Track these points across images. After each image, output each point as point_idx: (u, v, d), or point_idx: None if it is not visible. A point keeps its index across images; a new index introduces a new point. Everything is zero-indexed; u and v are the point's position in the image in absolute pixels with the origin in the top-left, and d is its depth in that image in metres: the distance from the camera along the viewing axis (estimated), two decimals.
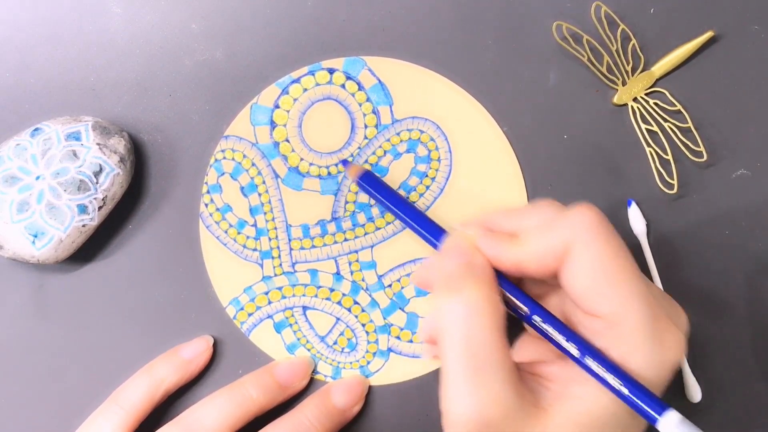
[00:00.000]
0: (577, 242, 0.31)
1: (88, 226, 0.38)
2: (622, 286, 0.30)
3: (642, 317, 0.30)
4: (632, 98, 0.41)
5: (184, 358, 0.39)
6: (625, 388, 0.29)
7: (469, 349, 0.30)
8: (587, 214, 0.31)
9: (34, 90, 0.41)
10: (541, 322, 0.32)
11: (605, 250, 0.30)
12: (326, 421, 0.38)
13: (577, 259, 0.31)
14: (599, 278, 0.30)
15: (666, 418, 0.29)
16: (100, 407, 0.38)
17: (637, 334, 0.30)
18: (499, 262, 0.32)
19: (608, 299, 0.30)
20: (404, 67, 0.41)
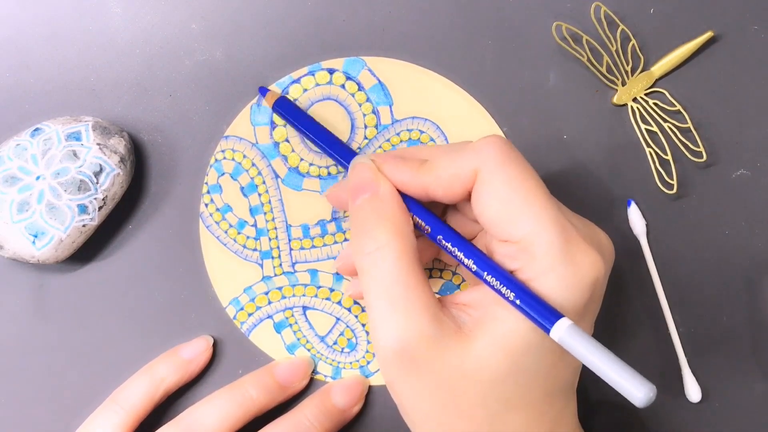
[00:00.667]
0: (484, 168, 0.31)
1: (88, 226, 0.38)
2: (531, 210, 0.30)
3: (552, 238, 0.30)
4: (632, 98, 0.41)
5: (184, 358, 0.39)
6: (519, 299, 0.29)
7: (386, 284, 0.31)
8: (494, 142, 0.32)
9: (34, 90, 0.41)
10: (443, 240, 0.32)
11: (513, 176, 0.31)
12: (326, 421, 0.38)
13: (484, 184, 0.31)
14: (508, 203, 0.31)
15: (557, 326, 0.29)
16: (99, 407, 0.38)
17: (548, 255, 0.30)
18: (409, 187, 0.33)
19: (517, 223, 0.30)
20: (404, 67, 0.41)
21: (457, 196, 0.32)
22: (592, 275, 0.30)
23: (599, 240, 0.33)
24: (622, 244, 0.41)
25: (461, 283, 0.41)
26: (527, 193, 0.31)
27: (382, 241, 0.32)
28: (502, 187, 0.31)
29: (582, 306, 0.31)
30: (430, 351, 0.30)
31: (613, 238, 0.34)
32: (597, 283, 0.31)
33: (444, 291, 0.41)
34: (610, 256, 0.33)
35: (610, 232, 0.34)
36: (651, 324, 0.41)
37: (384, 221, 0.32)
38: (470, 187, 0.32)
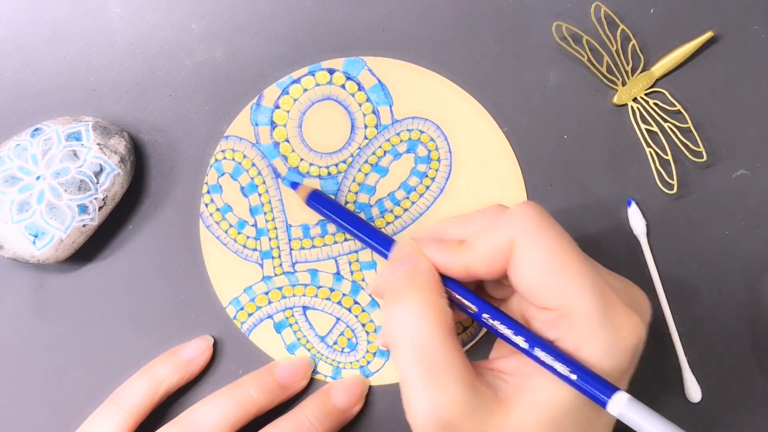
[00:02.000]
0: (519, 239, 0.31)
1: (88, 226, 0.38)
2: (569, 276, 0.30)
3: (592, 304, 0.30)
4: (632, 98, 0.41)
5: (184, 358, 0.39)
6: (574, 375, 0.29)
7: (419, 353, 0.30)
8: (528, 211, 0.31)
9: (34, 90, 0.41)
10: (490, 319, 0.32)
11: (549, 243, 0.31)
12: (326, 421, 0.38)
13: (521, 255, 0.31)
14: (545, 271, 0.30)
15: (614, 399, 0.29)
16: (99, 407, 0.38)
17: (589, 322, 0.30)
18: (450, 269, 0.33)
19: (556, 291, 0.30)
20: (404, 67, 0.41)
21: (498, 272, 0.32)
22: (633, 340, 0.30)
23: (636, 300, 0.33)
24: (622, 244, 0.41)
25: None
26: (564, 260, 0.30)
27: (416, 310, 0.31)
28: (539, 255, 0.30)
29: (624, 370, 0.31)
30: (468, 421, 0.30)
31: (614, 238, 0.34)
32: (638, 347, 0.31)
33: None
34: (648, 316, 0.33)
35: (610, 232, 0.34)
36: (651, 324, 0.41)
37: (419, 290, 0.32)
38: (509, 259, 0.31)
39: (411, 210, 0.41)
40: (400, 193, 0.41)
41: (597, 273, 0.31)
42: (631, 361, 0.31)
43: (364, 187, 0.41)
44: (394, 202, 0.41)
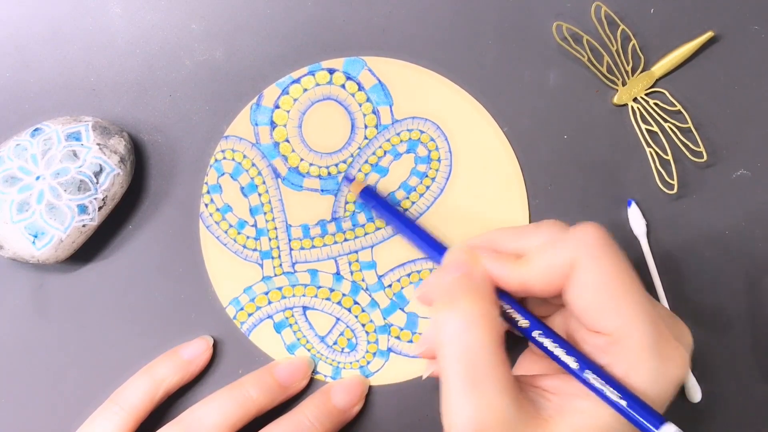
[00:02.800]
0: (582, 260, 0.31)
1: (88, 226, 0.38)
2: (627, 303, 0.30)
3: (646, 334, 0.30)
4: (632, 98, 0.41)
5: (184, 358, 0.39)
6: (623, 401, 0.29)
7: (467, 361, 0.30)
8: (592, 232, 0.31)
9: (34, 90, 0.41)
10: (541, 336, 0.32)
11: (610, 268, 0.31)
12: (326, 421, 0.38)
13: (582, 276, 0.31)
14: (604, 295, 0.30)
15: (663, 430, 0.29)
16: (100, 408, 0.38)
17: (641, 351, 0.30)
18: (506, 282, 0.32)
19: (612, 316, 0.30)
20: (404, 67, 0.41)
21: (554, 291, 0.32)
22: (679, 372, 0.31)
23: (682, 334, 0.33)
24: (622, 244, 0.41)
25: None
26: (624, 286, 0.30)
27: (469, 318, 0.31)
28: (601, 279, 0.30)
29: (666, 400, 0.31)
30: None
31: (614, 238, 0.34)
32: (682, 379, 0.31)
33: None
34: (690, 350, 0.33)
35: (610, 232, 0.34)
36: None
37: (474, 297, 0.31)
38: (567, 279, 0.31)
39: (411, 210, 0.41)
40: (400, 193, 0.41)
41: (652, 304, 0.31)
42: (675, 392, 0.31)
43: None
44: (394, 202, 0.41)
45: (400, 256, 0.41)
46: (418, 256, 0.41)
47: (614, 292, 0.30)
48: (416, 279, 0.41)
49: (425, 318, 0.41)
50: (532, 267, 0.32)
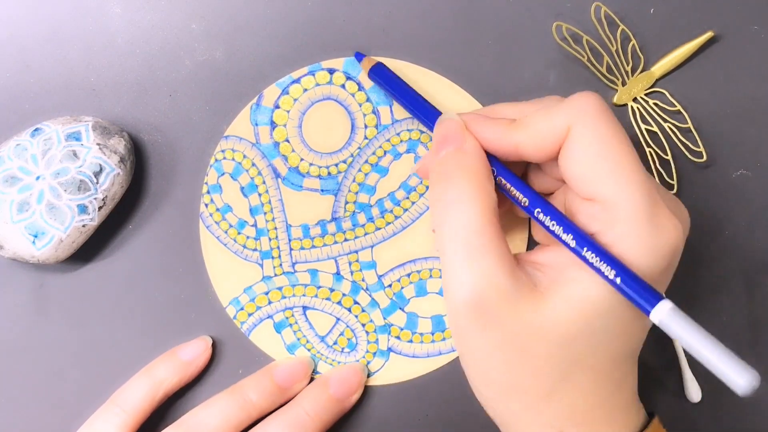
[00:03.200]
0: (577, 124, 0.31)
1: (88, 226, 0.38)
2: (621, 170, 0.30)
3: (638, 200, 0.30)
4: (632, 98, 0.41)
5: (183, 359, 0.39)
6: (618, 278, 0.29)
7: (462, 234, 0.31)
8: (589, 98, 0.31)
9: (34, 90, 0.41)
10: (541, 213, 0.32)
11: (606, 133, 0.30)
12: (324, 413, 0.38)
13: (576, 140, 0.31)
14: (598, 160, 0.30)
15: (658, 308, 0.29)
16: (100, 409, 0.38)
17: (633, 217, 0.30)
18: (498, 146, 0.33)
19: (606, 181, 0.30)
20: (404, 67, 0.41)
21: (548, 154, 0.32)
22: (672, 242, 0.30)
23: (679, 209, 0.33)
24: None
25: None
26: (618, 154, 0.30)
27: (464, 192, 0.31)
28: (595, 145, 0.30)
29: (659, 273, 0.31)
30: (504, 305, 0.30)
31: None
32: (676, 251, 0.31)
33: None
34: (687, 226, 0.33)
35: None
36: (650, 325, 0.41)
37: (467, 173, 0.32)
38: (561, 144, 0.31)
39: (411, 210, 0.41)
40: (400, 193, 0.41)
41: (646, 174, 0.31)
42: (669, 264, 0.31)
43: (365, 187, 0.41)
44: (394, 202, 0.41)
45: (400, 256, 0.41)
46: (418, 255, 0.41)
47: (609, 158, 0.30)
48: (416, 279, 0.41)
49: (425, 318, 0.41)
50: (526, 129, 0.32)
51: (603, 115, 0.31)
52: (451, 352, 0.41)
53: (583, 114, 0.31)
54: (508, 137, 0.32)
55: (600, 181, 0.30)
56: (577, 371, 0.31)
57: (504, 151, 0.33)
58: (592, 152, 0.30)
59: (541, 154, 0.32)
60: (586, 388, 0.31)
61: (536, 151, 0.32)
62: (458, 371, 0.41)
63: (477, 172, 0.32)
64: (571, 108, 0.31)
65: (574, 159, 0.31)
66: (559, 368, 0.31)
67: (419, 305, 0.41)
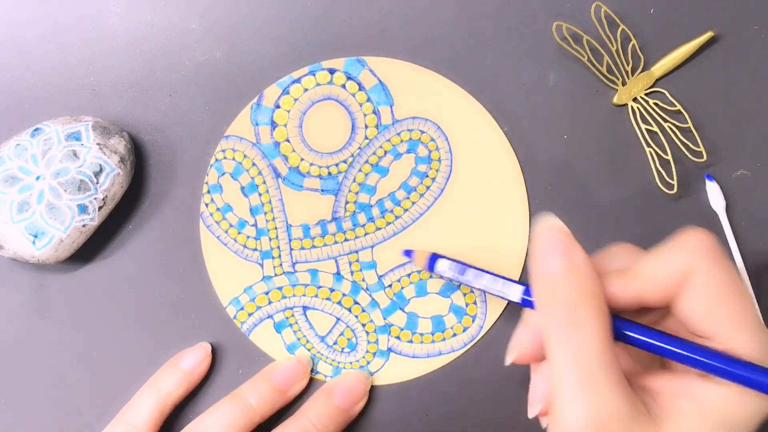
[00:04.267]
0: (698, 265, 0.30)
1: (88, 226, 0.38)
2: (738, 310, 0.30)
3: (756, 339, 0.30)
4: (632, 98, 0.41)
5: (185, 369, 0.39)
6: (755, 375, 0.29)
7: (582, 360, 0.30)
8: (704, 238, 0.31)
9: (34, 90, 0.41)
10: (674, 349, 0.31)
11: (726, 274, 0.30)
12: (329, 423, 0.38)
13: (698, 283, 0.30)
14: (719, 302, 0.30)
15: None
16: (108, 427, 0.38)
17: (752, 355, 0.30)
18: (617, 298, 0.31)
19: (725, 322, 0.30)
20: (404, 67, 0.41)
21: (670, 297, 0.31)
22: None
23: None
24: None
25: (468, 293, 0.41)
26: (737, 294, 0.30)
27: (583, 316, 0.30)
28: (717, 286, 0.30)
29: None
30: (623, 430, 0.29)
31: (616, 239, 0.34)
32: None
33: (444, 292, 0.41)
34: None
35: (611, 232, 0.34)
36: None
37: (585, 294, 0.31)
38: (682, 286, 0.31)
39: (411, 210, 0.41)
40: (400, 193, 0.41)
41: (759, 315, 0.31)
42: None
43: (365, 187, 0.41)
44: (394, 202, 0.41)
45: (401, 256, 0.41)
46: None
47: (729, 299, 0.30)
48: (416, 279, 0.41)
49: (425, 318, 0.41)
50: (646, 276, 0.31)
51: (720, 255, 0.31)
52: (451, 353, 0.41)
53: (702, 254, 0.30)
54: (628, 287, 0.31)
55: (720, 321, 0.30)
56: None
57: (624, 301, 0.31)
58: (713, 294, 0.30)
59: (663, 298, 0.31)
60: None
61: (659, 296, 0.31)
62: (458, 371, 0.41)
63: (594, 292, 0.31)
64: (690, 249, 0.31)
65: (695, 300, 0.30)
66: None
67: (419, 305, 0.41)
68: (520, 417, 0.40)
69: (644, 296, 0.31)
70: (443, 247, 0.41)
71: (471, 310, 0.41)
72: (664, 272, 0.31)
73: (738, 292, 0.30)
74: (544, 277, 0.31)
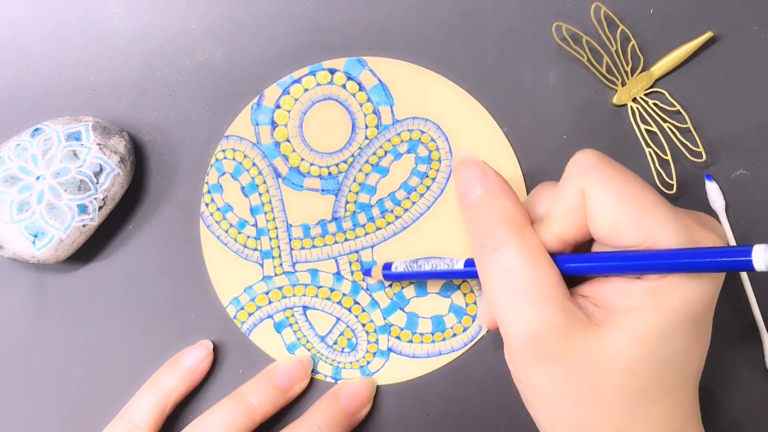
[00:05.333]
0: (588, 185, 0.31)
1: (88, 226, 0.38)
2: (646, 210, 0.30)
3: (676, 232, 0.30)
4: (632, 99, 0.41)
5: (186, 367, 0.39)
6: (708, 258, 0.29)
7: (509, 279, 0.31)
8: (584, 158, 0.32)
9: (34, 90, 0.41)
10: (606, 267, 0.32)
11: (618, 181, 0.31)
12: (335, 426, 0.38)
13: (594, 199, 0.31)
14: (621, 209, 0.30)
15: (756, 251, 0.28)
16: (109, 425, 0.38)
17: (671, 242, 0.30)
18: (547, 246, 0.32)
19: (637, 226, 0.30)
20: (405, 67, 0.41)
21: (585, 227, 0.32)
22: None
23: (708, 222, 0.33)
24: None
25: (461, 283, 0.41)
26: (637, 194, 0.30)
27: (502, 238, 0.31)
28: (613, 194, 0.30)
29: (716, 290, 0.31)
30: (561, 342, 0.30)
31: None
32: None
33: (444, 292, 0.41)
34: (723, 234, 0.33)
35: None
36: None
37: (500, 216, 0.32)
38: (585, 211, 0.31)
39: (412, 210, 0.41)
40: (400, 193, 0.41)
41: (669, 204, 0.31)
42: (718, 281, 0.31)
43: (365, 187, 0.41)
44: (394, 202, 0.41)
45: (401, 256, 0.41)
46: (419, 256, 0.41)
47: (631, 203, 0.30)
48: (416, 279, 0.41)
49: (425, 318, 0.41)
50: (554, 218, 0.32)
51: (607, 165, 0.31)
52: (451, 353, 0.41)
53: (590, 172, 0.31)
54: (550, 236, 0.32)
55: (632, 227, 0.30)
56: (647, 402, 0.31)
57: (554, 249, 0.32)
58: (613, 203, 0.30)
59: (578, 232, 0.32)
60: (656, 419, 0.31)
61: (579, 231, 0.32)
62: (458, 371, 0.41)
63: (509, 213, 0.32)
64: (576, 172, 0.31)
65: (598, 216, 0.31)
66: (628, 400, 0.30)
67: (419, 305, 0.41)
68: (520, 417, 0.40)
69: (565, 236, 0.32)
70: (443, 247, 0.41)
71: (471, 310, 0.41)
72: (565, 208, 0.32)
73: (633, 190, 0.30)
74: (465, 207, 0.33)
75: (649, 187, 0.31)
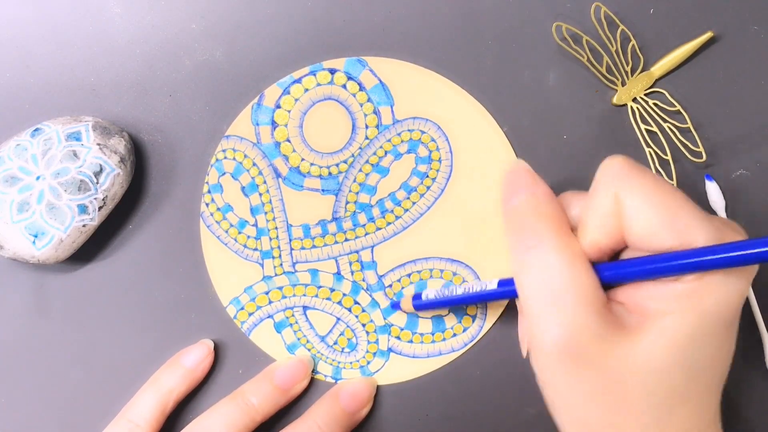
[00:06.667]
0: (622, 190, 0.31)
1: (88, 226, 0.38)
2: (680, 212, 0.30)
3: (708, 230, 0.30)
4: (632, 98, 0.41)
5: (187, 366, 0.39)
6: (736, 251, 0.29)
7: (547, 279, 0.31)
8: (614, 163, 0.32)
9: (34, 90, 0.41)
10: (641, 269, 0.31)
11: (652, 186, 0.31)
12: (335, 426, 0.38)
13: (630, 204, 0.31)
14: (657, 213, 0.30)
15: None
16: (110, 425, 0.38)
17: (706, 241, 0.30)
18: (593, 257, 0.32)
19: (672, 230, 0.30)
20: (405, 67, 0.41)
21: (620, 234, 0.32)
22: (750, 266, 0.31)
23: (734, 225, 0.33)
24: None
25: (462, 282, 0.41)
26: (670, 199, 0.30)
27: (545, 237, 0.31)
28: (647, 200, 0.30)
29: (747, 290, 0.31)
30: (595, 346, 0.30)
31: None
32: (752, 273, 0.31)
33: None
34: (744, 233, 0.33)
35: None
36: None
37: (544, 218, 0.32)
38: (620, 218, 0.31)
39: (412, 210, 0.41)
40: (400, 193, 0.41)
41: (697, 205, 0.31)
42: (749, 281, 0.31)
43: (365, 187, 0.41)
44: (395, 202, 0.41)
45: (401, 256, 0.41)
46: (419, 256, 0.41)
47: (665, 207, 0.30)
48: (416, 279, 0.41)
49: (425, 318, 0.41)
50: (590, 227, 0.32)
51: (638, 171, 0.31)
52: (451, 353, 0.41)
53: (621, 179, 0.31)
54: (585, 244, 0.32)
55: (667, 232, 0.30)
56: (677, 405, 0.30)
57: (591, 258, 0.32)
58: (647, 208, 0.30)
59: (612, 239, 0.32)
60: (686, 422, 0.31)
61: (614, 239, 0.32)
62: (458, 371, 0.41)
63: (553, 216, 0.32)
64: (607, 177, 0.31)
65: (634, 221, 0.31)
66: (658, 403, 0.30)
67: None
68: (520, 417, 0.40)
69: (600, 244, 0.32)
70: (444, 247, 0.41)
71: (471, 310, 0.41)
72: (600, 215, 0.31)
73: (666, 194, 0.30)
74: (510, 210, 0.33)
75: (678, 190, 0.31)
